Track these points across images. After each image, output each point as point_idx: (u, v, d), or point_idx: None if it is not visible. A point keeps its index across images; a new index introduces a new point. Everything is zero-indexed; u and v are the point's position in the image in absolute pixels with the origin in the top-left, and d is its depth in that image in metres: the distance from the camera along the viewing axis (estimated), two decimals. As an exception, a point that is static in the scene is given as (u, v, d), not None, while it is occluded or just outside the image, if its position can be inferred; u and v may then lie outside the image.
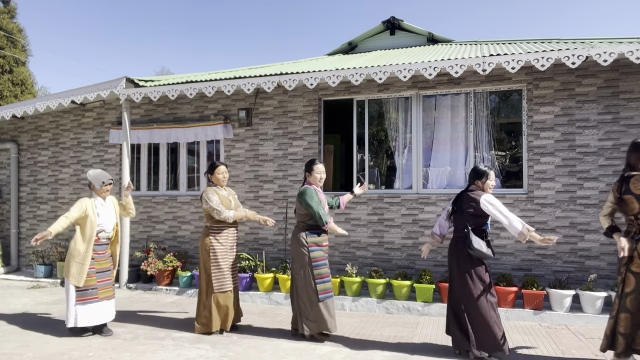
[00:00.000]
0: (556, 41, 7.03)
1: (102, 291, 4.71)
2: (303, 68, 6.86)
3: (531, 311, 5.49)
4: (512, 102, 6.80)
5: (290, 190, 7.23)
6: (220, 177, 4.90)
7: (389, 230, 6.71)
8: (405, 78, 5.89)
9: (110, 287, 4.81)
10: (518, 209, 6.21)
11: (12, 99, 16.95)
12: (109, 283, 4.80)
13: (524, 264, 6.16)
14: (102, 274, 4.74)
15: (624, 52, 5.12)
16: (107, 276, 4.79)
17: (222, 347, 4.40)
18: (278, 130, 7.33)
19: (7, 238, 8.84)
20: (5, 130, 8.94)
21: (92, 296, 4.61)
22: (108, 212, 4.82)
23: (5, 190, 8.92)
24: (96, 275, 4.66)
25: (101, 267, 4.74)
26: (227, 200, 4.85)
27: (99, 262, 4.71)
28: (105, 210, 4.80)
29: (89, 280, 4.59)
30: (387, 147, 7.18)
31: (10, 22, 17.61)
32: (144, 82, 7.22)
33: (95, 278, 4.65)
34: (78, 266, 4.57)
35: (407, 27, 9.14)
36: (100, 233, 4.72)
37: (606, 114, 5.96)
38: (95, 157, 8.35)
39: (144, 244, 7.87)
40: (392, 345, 4.49)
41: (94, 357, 4.11)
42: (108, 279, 4.80)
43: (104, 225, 4.76)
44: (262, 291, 6.53)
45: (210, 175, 4.93)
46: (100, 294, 4.68)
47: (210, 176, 4.95)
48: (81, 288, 4.57)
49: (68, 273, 4.58)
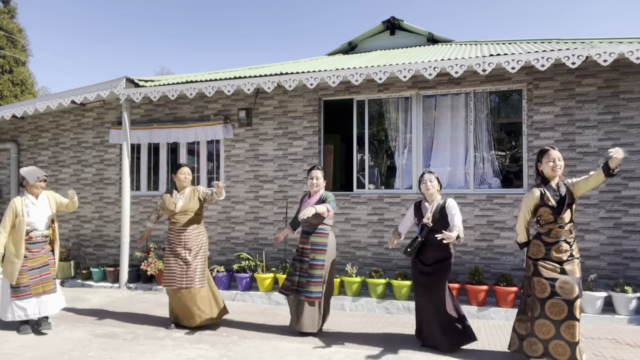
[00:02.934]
0: (556, 41, 7.03)
1: (36, 287, 4.76)
2: (303, 68, 6.86)
3: (531, 311, 5.49)
4: (512, 102, 6.80)
5: (290, 190, 7.23)
6: (181, 177, 5.00)
7: (389, 230, 6.71)
8: (405, 78, 5.89)
9: (49, 281, 4.86)
10: (518, 208, 6.20)
11: (12, 99, 16.95)
12: (48, 277, 4.86)
13: (524, 264, 6.14)
14: (37, 270, 4.79)
15: (624, 52, 5.12)
16: (44, 271, 4.84)
17: (222, 347, 4.40)
18: (278, 130, 7.33)
19: (7, 238, 8.83)
20: (5, 130, 8.94)
21: (24, 293, 4.71)
22: (40, 210, 4.84)
23: (5, 190, 8.91)
24: (28, 273, 4.72)
25: (34, 264, 4.78)
26: (172, 204, 5.01)
27: (32, 260, 4.76)
28: (36, 209, 4.81)
29: (20, 278, 4.68)
30: (387, 147, 7.18)
31: (10, 22, 17.61)
32: (144, 82, 7.22)
33: (27, 276, 4.72)
34: (10, 265, 4.67)
35: (407, 27, 9.14)
36: (31, 232, 4.77)
37: (606, 114, 5.96)
38: (95, 157, 8.35)
39: (144, 244, 7.85)
40: (392, 345, 4.49)
41: (94, 357, 4.11)
42: (46, 273, 4.86)
43: (35, 224, 4.80)
44: (262, 291, 6.53)
45: (174, 175, 5.07)
46: (34, 290, 4.75)
47: (173, 176, 5.09)
48: (14, 285, 4.68)
49: (4, 271, 4.70)
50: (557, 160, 3.77)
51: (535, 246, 3.86)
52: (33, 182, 4.77)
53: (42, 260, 4.84)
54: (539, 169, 3.90)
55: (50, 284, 4.86)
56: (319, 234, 4.70)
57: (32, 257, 4.77)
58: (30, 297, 4.72)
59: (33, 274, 4.75)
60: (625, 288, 5.31)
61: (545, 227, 3.82)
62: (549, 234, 3.80)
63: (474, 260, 6.32)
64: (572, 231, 3.81)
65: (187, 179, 5.01)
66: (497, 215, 6.29)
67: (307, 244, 4.71)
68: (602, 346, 4.44)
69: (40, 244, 4.85)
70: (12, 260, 4.67)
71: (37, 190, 4.83)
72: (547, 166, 3.81)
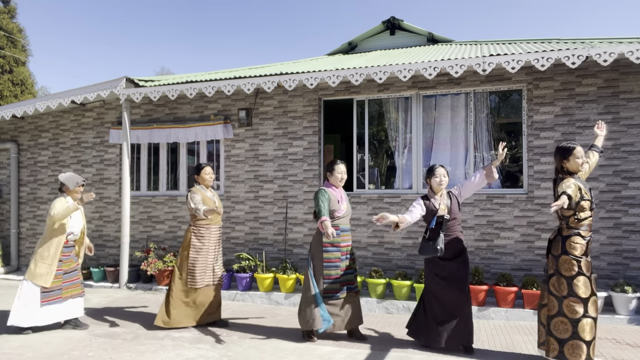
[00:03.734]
0: (556, 41, 7.03)
1: (67, 291, 4.79)
2: (303, 68, 6.86)
3: (531, 311, 5.49)
4: (512, 102, 6.80)
5: (290, 190, 7.23)
6: (207, 177, 5.01)
7: (389, 230, 6.71)
8: (405, 78, 5.89)
9: (78, 285, 4.90)
10: (518, 208, 6.21)
11: (12, 99, 16.94)
12: (77, 282, 4.90)
13: (524, 264, 6.16)
14: (69, 275, 4.82)
15: (624, 52, 5.12)
16: (74, 276, 4.88)
17: (222, 347, 4.40)
18: (278, 130, 7.33)
19: (7, 238, 8.84)
20: (5, 130, 8.94)
21: (56, 297, 4.70)
22: (77, 215, 4.91)
23: (5, 190, 8.92)
24: (63, 277, 4.74)
25: (69, 267, 4.81)
26: (211, 201, 4.98)
27: (66, 263, 4.79)
28: (75, 213, 4.86)
29: (55, 282, 4.67)
30: (387, 147, 7.18)
31: (10, 22, 17.61)
32: (144, 82, 7.22)
33: (62, 279, 4.73)
34: (47, 267, 4.64)
35: (407, 27, 9.13)
36: (69, 235, 4.80)
37: (606, 114, 5.96)
38: (95, 157, 8.35)
39: (144, 244, 7.87)
40: (392, 345, 4.49)
41: (94, 357, 4.11)
42: (76, 278, 4.89)
43: (74, 227, 4.84)
44: (262, 291, 6.53)
45: (197, 176, 5.05)
46: (65, 293, 4.77)
47: (197, 177, 5.06)
48: (47, 289, 4.65)
49: (34, 274, 4.63)
50: (584, 157, 3.82)
51: (577, 243, 3.71)
52: (73, 188, 4.80)
53: (73, 264, 4.88)
54: (564, 166, 3.83)
55: (78, 289, 4.89)
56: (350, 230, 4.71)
57: (66, 261, 4.80)
58: (59, 301, 4.72)
59: (66, 277, 4.78)
60: (625, 288, 5.32)
61: (582, 222, 3.72)
62: (587, 229, 3.75)
63: (474, 260, 6.32)
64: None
65: (211, 178, 5.05)
66: (497, 215, 6.29)
67: (350, 240, 4.66)
68: (602, 346, 4.44)
69: (71, 248, 4.90)
70: (48, 263, 4.64)
71: (76, 195, 4.86)
72: (576, 163, 3.77)
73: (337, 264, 4.51)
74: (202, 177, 5.02)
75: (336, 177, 4.63)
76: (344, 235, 4.59)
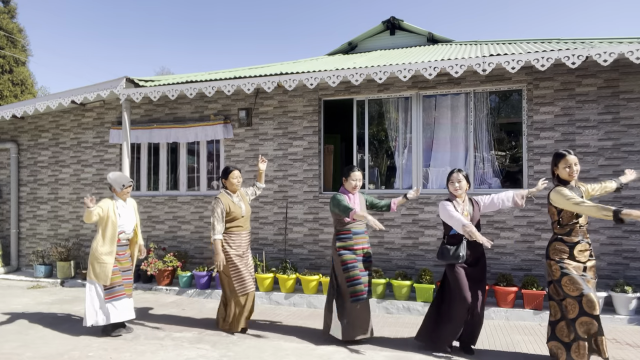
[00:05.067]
0: (556, 41, 7.03)
1: (128, 289, 4.81)
2: (303, 68, 6.86)
3: (531, 311, 5.49)
4: (512, 102, 6.79)
5: (290, 190, 7.23)
6: (234, 181, 4.87)
7: (389, 230, 6.71)
8: (405, 78, 5.89)
9: (130, 285, 4.90)
10: (518, 208, 6.21)
11: (12, 99, 16.95)
12: (129, 282, 4.89)
13: (524, 264, 6.16)
14: (124, 273, 4.82)
15: (624, 52, 5.12)
16: (128, 275, 4.88)
17: (222, 347, 4.40)
18: (278, 130, 7.33)
19: (7, 238, 8.84)
20: (5, 130, 8.94)
21: (119, 293, 4.71)
22: (128, 214, 4.90)
23: (5, 190, 8.92)
24: (121, 273, 4.76)
25: (123, 266, 4.81)
26: (238, 207, 4.83)
27: (120, 262, 4.79)
28: (126, 212, 4.87)
29: (114, 278, 4.68)
30: (387, 147, 7.18)
31: (10, 22, 17.61)
32: (144, 82, 7.21)
33: (121, 276, 4.74)
34: (102, 266, 4.65)
35: (407, 27, 9.13)
36: (120, 234, 4.80)
37: (606, 114, 5.96)
38: (95, 157, 8.35)
39: (144, 244, 7.86)
40: (392, 345, 4.49)
41: (94, 357, 4.11)
42: (129, 277, 4.89)
43: (125, 226, 4.83)
44: (262, 291, 6.52)
45: (225, 180, 4.90)
46: (127, 290, 4.79)
47: (224, 181, 4.91)
48: (109, 286, 4.66)
49: (93, 273, 4.66)
50: (574, 166, 3.77)
51: (557, 249, 3.77)
52: (120, 190, 4.81)
53: (127, 264, 4.87)
54: (555, 172, 3.88)
55: (130, 289, 4.89)
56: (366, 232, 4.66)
57: (120, 260, 4.79)
58: (125, 297, 4.73)
59: (124, 275, 4.79)
60: (625, 288, 5.31)
61: (567, 227, 3.75)
62: (570, 234, 3.74)
63: (474, 260, 6.32)
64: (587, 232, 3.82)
65: (239, 182, 4.91)
66: (497, 215, 6.29)
67: (366, 242, 4.60)
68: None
69: (125, 247, 4.89)
70: (103, 261, 4.64)
71: (125, 196, 4.88)
72: (564, 172, 3.79)
73: (354, 264, 4.43)
74: (229, 181, 4.85)
75: (350, 183, 4.57)
76: (357, 238, 4.54)
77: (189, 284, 7.05)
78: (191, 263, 7.54)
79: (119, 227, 4.75)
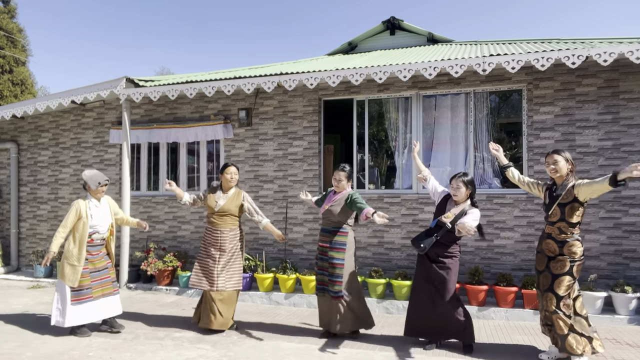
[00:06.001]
0: (556, 41, 7.03)
1: (98, 290, 4.74)
2: (303, 68, 6.86)
3: (531, 311, 5.49)
4: (512, 102, 6.79)
5: (290, 190, 7.23)
6: (228, 177, 5.00)
7: (389, 230, 6.71)
8: (405, 78, 5.89)
9: (109, 284, 4.85)
10: (518, 208, 6.21)
11: (12, 99, 16.95)
12: (108, 281, 4.84)
13: (524, 264, 6.16)
14: (98, 273, 4.78)
15: (624, 52, 5.12)
16: (104, 274, 4.82)
17: (222, 347, 4.40)
18: (278, 130, 7.33)
19: (7, 238, 8.84)
20: (5, 130, 8.94)
21: (86, 296, 4.66)
22: (102, 213, 4.85)
23: (5, 190, 8.91)
24: (90, 275, 4.71)
25: (96, 267, 4.77)
26: (213, 201, 5.00)
27: (93, 262, 4.75)
28: (99, 212, 4.82)
29: (82, 281, 4.65)
30: (387, 147, 7.18)
31: (10, 22, 17.62)
32: (144, 82, 7.21)
33: (90, 278, 4.70)
34: (71, 268, 4.63)
35: (407, 27, 9.13)
36: (93, 235, 4.76)
37: (606, 114, 5.96)
38: (95, 157, 8.35)
39: (144, 244, 7.87)
40: (392, 345, 4.49)
41: (94, 357, 4.11)
42: (106, 276, 4.84)
43: (98, 226, 4.79)
44: (262, 291, 6.52)
45: (221, 175, 5.07)
46: (96, 292, 4.72)
47: (220, 176, 5.09)
48: (76, 288, 4.63)
49: (63, 274, 4.64)
50: (551, 164, 3.94)
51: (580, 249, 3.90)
52: (95, 188, 4.78)
53: (102, 263, 4.83)
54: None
55: (110, 287, 4.85)
56: (340, 232, 4.63)
57: (93, 260, 4.75)
58: (91, 300, 4.69)
59: (95, 276, 4.74)
60: (625, 288, 5.31)
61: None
62: (544, 228, 4.02)
63: (474, 260, 6.32)
64: (564, 231, 3.84)
65: (233, 179, 5.00)
66: (497, 215, 6.29)
67: (327, 242, 4.64)
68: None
69: (99, 247, 4.85)
70: (72, 263, 4.63)
71: (99, 195, 4.85)
72: (546, 168, 4.03)
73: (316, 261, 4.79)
74: (224, 176, 5.00)
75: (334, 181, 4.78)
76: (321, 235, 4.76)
77: (188, 284, 7.04)
78: (191, 263, 7.54)
79: (91, 228, 4.72)
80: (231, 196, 5.00)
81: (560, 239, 3.85)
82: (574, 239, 3.84)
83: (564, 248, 3.83)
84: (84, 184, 4.83)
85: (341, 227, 4.64)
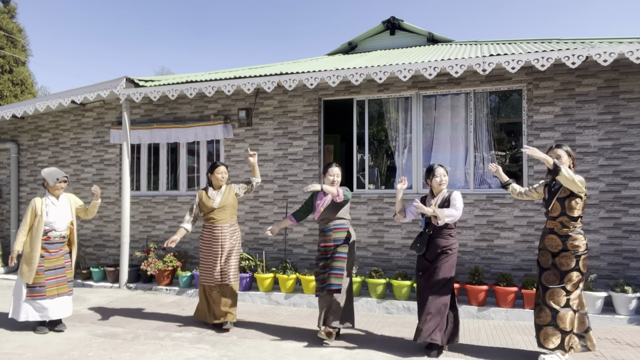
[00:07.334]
0: (556, 41, 7.03)
1: (52, 289, 4.74)
2: (303, 68, 6.86)
3: (531, 311, 5.49)
4: (512, 102, 6.79)
5: (290, 190, 7.23)
6: (219, 176, 5.09)
7: (389, 230, 6.71)
8: (405, 78, 5.89)
9: (64, 284, 4.84)
10: (518, 208, 6.21)
11: (12, 99, 16.95)
12: (63, 280, 4.84)
13: (524, 264, 6.16)
14: (54, 272, 4.77)
15: (624, 52, 5.12)
16: (60, 273, 4.82)
17: (222, 347, 4.40)
18: (278, 130, 7.33)
19: (7, 238, 8.84)
20: (5, 130, 8.94)
21: (39, 293, 4.69)
22: (60, 211, 4.83)
23: (5, 190, 8.92)
24: (45, 274, 4.71)
25: (52, 265, 4.76)
26: (210, 200, 5.05)
27: (49, 260, 4.75)
28: (56, 209, 4.80)
29: (37, 278, 4.67)
30: (387, 147, 7.18)
31: (10, 22, 17.63)
32: (144, 82, 7.22)
33: (44, 276, 4.70)
34: (27, 264, 4.67)
35: (407, 27, 9.13)
36: (50, 232, 4.75)
37: (606, 114, 5.96)
38: (95, 157, 8.35)
39: (144, 244, 7.87)
40: (392, 345, 4.49)
41: (94, 357, 4.11)
42: (62, 275, 4.83)
43: (54, 224, 4.77)
44: (262, 291, 6.53)
45: (210, 174, 5.14)
46: (50, 291, 4.72)
47: (210, 175, 5.16)
48: (30, 285, 4.67)
49: (20, 271, 4.70)
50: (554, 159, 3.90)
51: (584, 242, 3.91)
52: (53, 184, 4.77)
53: (59, 262, 4.82)
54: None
55: (65, 287, 4.84)
56: (340, 229, 4.63)
57: (50, 258, 4.75)
58: (44, 298, 4.70)
59: (49, 275, 4.74)
60: (625, 288, 5.31)
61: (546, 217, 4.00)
62: (545, 224, 4.03)
63: (474, 260, 6.32)
64: (566, 225, 3.84)
65: (223, 178, 5.12)
66: (497, 215, 6.29)
67: (330, 241, 4.62)
68: (602, 346, 4.44)
69: (58, 245, 4.84)
70: (28, 260, 4.67)
71: (57, 192, 4.83)
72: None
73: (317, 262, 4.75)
74: (214, 176, 5.08)
75: (328, 179, 4.68)
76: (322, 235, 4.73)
77: (189, 284, 7.05)
78: (191, 263, 7.55)
79: (47, 225, 4.72)
80: (225, 191, 5.14)
81: (562, 233, 3.85)
82: (577, 232, 3.83)
83: (567, 242, 3.83)
84: (43, 182, 4.84)
85: (340, 223, 4.65)
